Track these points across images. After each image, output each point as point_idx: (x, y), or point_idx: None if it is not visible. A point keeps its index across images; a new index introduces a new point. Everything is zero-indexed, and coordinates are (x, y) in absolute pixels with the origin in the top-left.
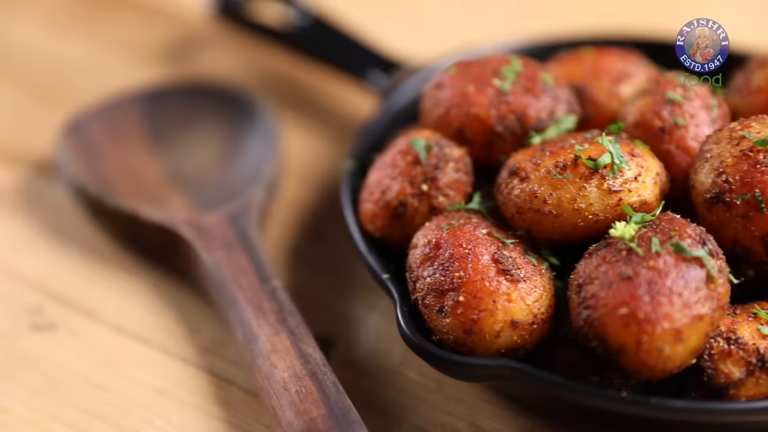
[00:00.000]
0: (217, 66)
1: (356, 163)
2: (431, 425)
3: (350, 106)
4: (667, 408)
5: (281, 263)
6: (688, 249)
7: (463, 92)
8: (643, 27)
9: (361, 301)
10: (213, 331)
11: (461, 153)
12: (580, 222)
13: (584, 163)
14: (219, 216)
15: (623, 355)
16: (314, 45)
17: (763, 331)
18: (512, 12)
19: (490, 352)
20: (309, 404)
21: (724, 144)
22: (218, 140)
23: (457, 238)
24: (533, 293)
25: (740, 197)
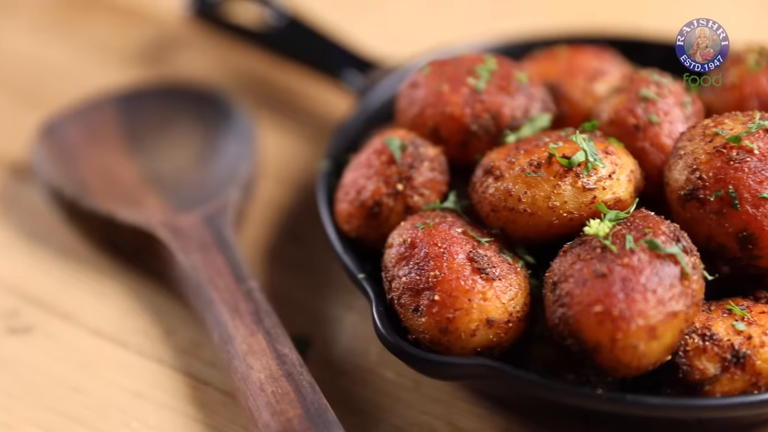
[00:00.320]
0: (194, 67)
1: (332, 163)
2: (408, 425)
3: (326, 106)
4: (643, 405)
5: (258, 264)
6: (662, 246)
7: (438, 91)
8: (617, 25)
9: (337, 301)
10: (190, 333)
11: (436, 152)
12: (555, 220)
13: (558, 161)
14: (195, 217)
15: (598, 353)
16: (290, 45)
17: (737, 327)
18: (487, 11)
19: (466, 351)
20: (285, 405)
21: (697, 141)
22: (194, 141)
23: (432, 238)
24: (508, 292)
25: (714, 194)
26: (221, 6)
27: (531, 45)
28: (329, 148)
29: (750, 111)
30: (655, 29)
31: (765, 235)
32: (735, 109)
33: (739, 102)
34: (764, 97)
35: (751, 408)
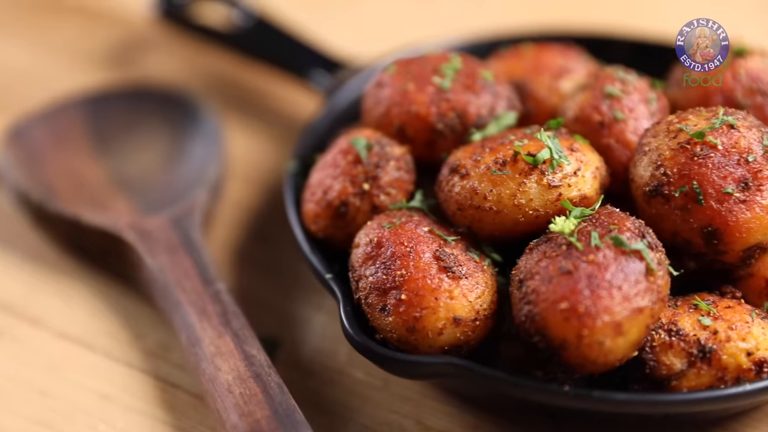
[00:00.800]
0: (161, 69)
1: (299, 164)
2: (377, 424)
3: (295, 107)
4: (610, 401)
5: (226, 265)
6: (627, 242)
7: (404, 91)
8: (583, 23)
9: (306, 302)
10: (158, 335)
11: (402, 151)
12: (521, 218)
13: (523, 159)
14: (162, 219)
15: (565, 350)
16: (258, 46)
17: (703, 322)
18: (455, 10)
19: (434, 350)
20: (253, 406)
21: (661, 137)
22: (162, 143)
23: (398, 237)
24: (475, 290)
25: (678, 190)
26: (188, 7)
27: (497, 43)
28: (296, 149)
29: (714, 107)
30: (620, 26)
31: (729, 230)
32: (700, 105)
33: (704, 98)
34: (728, 94)
35: (718, 402)
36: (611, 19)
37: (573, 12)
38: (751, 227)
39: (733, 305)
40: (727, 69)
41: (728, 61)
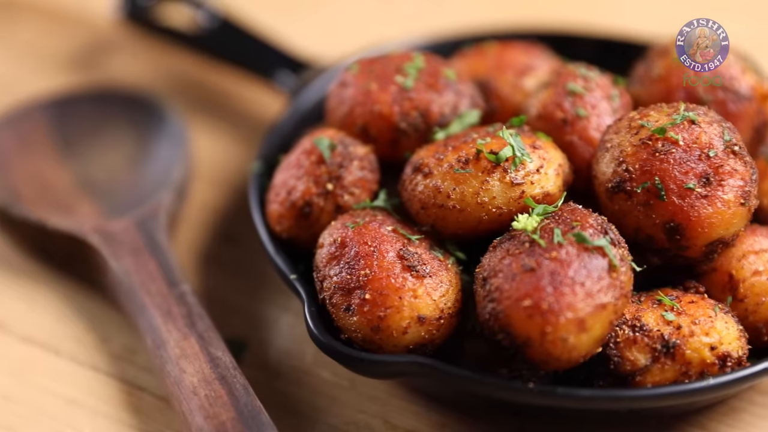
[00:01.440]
0: (126, 71)
1: (264, 165)
2: (344, 424)
3: (261, 108)
4: (574, 397)
5: (192, 267)
6: (590, 239)
7: (367, 90)
8: (546, 20)
9: (273, 303)
10: (124, 339)
11: (366, 151)
12: (484, 216)
13: (486, 157)
14: (127, 222)
15: (529, 347)
16: (222, 47)
17: (667, 318)
18: (417, 9)
19: (399, 349)
20: (218, 408)
21: (623, 133)
22: (127, 146)
23: (362, 236)
24: (439, 288)
25: (641, 186)
26: (153, 9)
27: (460, 42)
28: (261, 149)
29: (675, 103)
30: (584, 24)
31: (692, 225)
32: (662, 100)
33: (666, 94)
34: (691, 89)
35: (682, 397)
36: (575, 17)
37: (536, 10)
38: (713, 222)
39: (697, 300)
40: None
41: None
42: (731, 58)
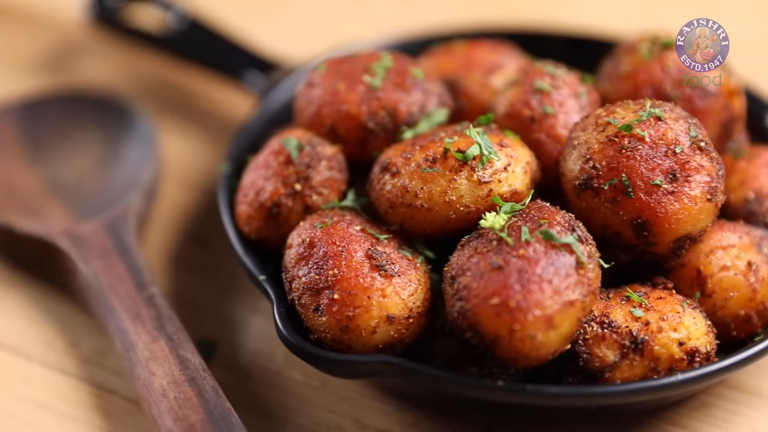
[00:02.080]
0: (95, 73)
1: (233, 166)
2: (315, 424)
3: (230, 109)
4: (543, 394)
5: (162, 269)
6: (557, 236)
7: (334, 90)
8: (514, 19)
9: (243, 304)
10: (94, 342)
11: (334, 151)
12: (452, 214)
13: (453, 156)
14: (96, 224)
15: (497, 344)
16: (192, 48)
17: (635, 314)
18: (387, 9)
19: (368, 349)
20: (188, 410)
21: (590, 131)
22: (96, 148)
23: (330, 236)
24: (408, 287)
25: (608, 182)
26: (121, 11)
27: (428, 41)
28: (230, 151)
29: (641, 99)
30: (552, 22)
31: (659, 221)
32: (630, 97)
33: (634, 91)
34: (657, 86)
35: (650, 393)
36: (543, 15)
37: (505, 9)
38: (679, 218)
39: (665, 296)
40: (656, 61)
41: (657, 53)
42: None
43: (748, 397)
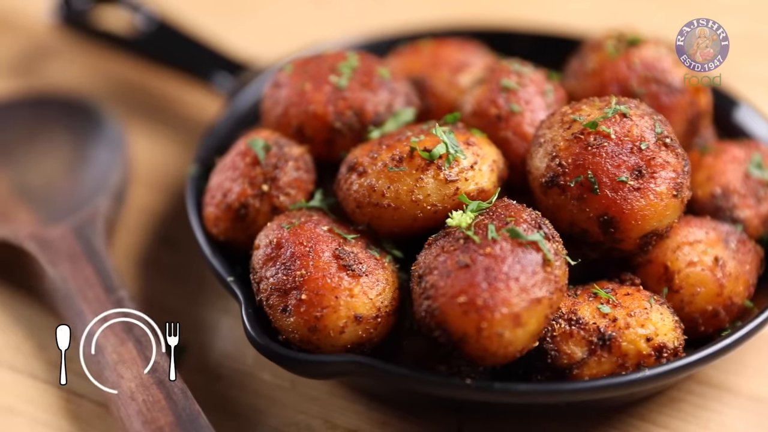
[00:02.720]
0: (64, 76)
1: (201, 167)
2: (285, 425)
3: (199, 110)
4: (511, 392)
5: (132, 271)
6: (524, 234)
7: (301, 90)
8: (482, 17)
9: (213, 306)
10: None
11: (301, 151)
12: (419, 213)
13: (420, 155)
14: (64, 228)
15: (465, 343)
16: (160, 50)
17: (603, 310)
18: (357, 9)
19: (336, 349)
20: (156, 412)
21: (556, 128)
22: (65, 151)
23: (297, 237)
24: (376, 287)
25: (574, 180)
26: (89, 13)
27: (396, 40)
28: (198, 152)
29: (607, 96)
30: (519, 20)
31: (625, 218)
32: (596, 94)
33: (600, 88)
34: (624, 83)
35: (618, 389)
36: (510, 14)
37: (473, 7)
38: (646, 214)
39: (632, 292)
40: (622, 58)
41: (623, 50)
42: (663, 51)
43: (717, 392)
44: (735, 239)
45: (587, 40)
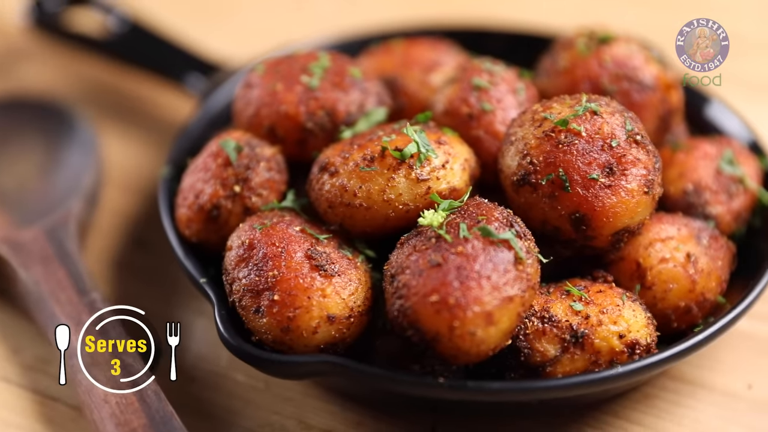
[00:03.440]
0: (36, 79)
1: (173, 169)
2: (259, 426)
3: (172, 111)
4: (484, 390)
5: (105, 274)
6: (495, 232)
7: (272, 91)
8: (454, 16)
9: (187, 308)
10: (37, 349)
11: (273, 152)
12: (391, 213)
13: (391, 155)
14: (36, 231)
15: (438, 342)
16: (133, 51)
17: (575, 308)
18: (330, 9)
19: (309, 349)
20: (129, 415)
21: (527, 126)
22: (37, 154)
23: (269, 238)
24: (348, 287)
25: (545, 178)
26: (61, 15)
27: (368, 40)
28: (171, 154)
29: (578, 94)
30: (492, 19)
31: (597, 215)
32: (568, 92)
33: (571, 86)
34: (595, 80)
35: (591, 386)
36: (483, 12)
37: (447, 7)
38: (617, 211)
39: (605, 289)
40: (593, 56)
41: (594, 48)
42: (634, 48)
43: (691, 388)
44: (707, 235)
45: (559, 39)
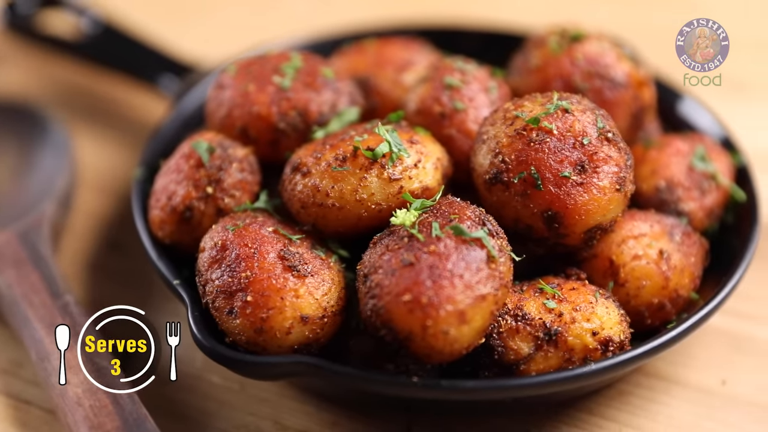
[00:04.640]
0: (9, 81)
1: (146, 170)
2: (234, 427)
3: (146, 113)
4: (458, 389)
5: (79, 277)
6: (468, 231)
7: (244, 92)
8: (426, 15)
9: (162, 309)
10: (9, 353)
11: (245, 153)
12: (364, 212)
13: (363, 154)
14: (9, 234)
15: (411, 341)
16: (106, 53)
17: (548, 306)
18: (304, 9)
19: (283, 350)
20: (103, 417)
21: (499, 125)
22: (10, 157)
23: (242, 239)
24: (321, 287)
25: (517, 176)
26: (34, 17)
27: (340, 40)
28: (143, 155)
29: (549, 92)
30: (464, 18)
31: (569, 213)
32: (540, 90)
33: (544, 84)
34: (567, 78)
35: (565, 384)
36: (455, 12)
37: (419, 6)
38: (589, 209)
39: (578, 287)
40: (565, 54)
41: (566, 46)
42: (606, 46)
43: (666, 385)
44: (680, 232)
45: (531, 37)
